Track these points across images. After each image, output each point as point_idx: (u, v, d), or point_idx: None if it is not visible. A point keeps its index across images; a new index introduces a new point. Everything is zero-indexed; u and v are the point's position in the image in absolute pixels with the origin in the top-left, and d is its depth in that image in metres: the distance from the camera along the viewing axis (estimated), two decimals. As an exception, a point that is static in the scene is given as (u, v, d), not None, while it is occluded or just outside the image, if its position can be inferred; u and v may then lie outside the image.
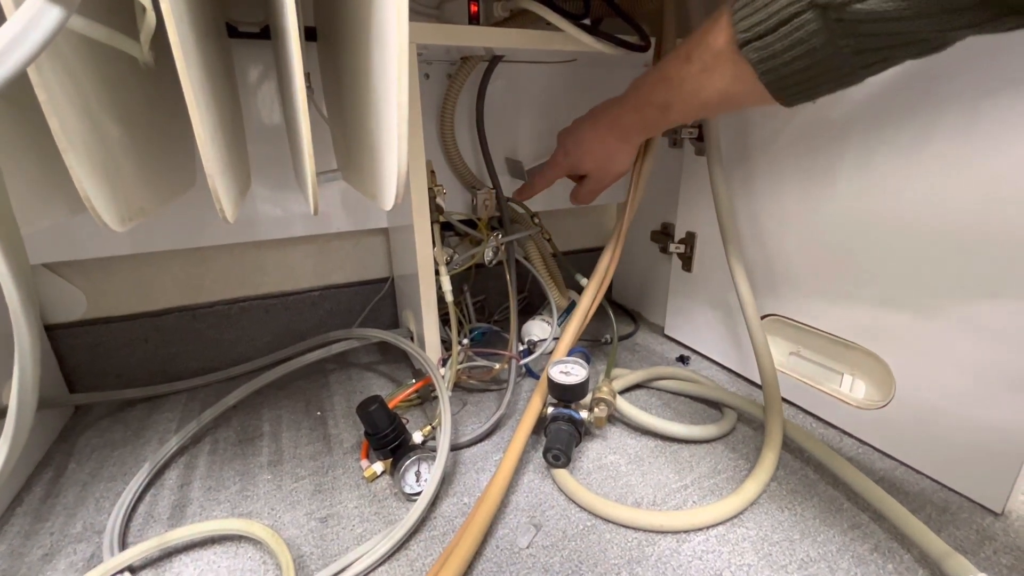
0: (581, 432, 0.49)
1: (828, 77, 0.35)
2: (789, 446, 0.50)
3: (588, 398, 0.51)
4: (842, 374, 0.54)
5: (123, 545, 0.41)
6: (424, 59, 0.61)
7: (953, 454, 0.44)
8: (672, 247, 0.70)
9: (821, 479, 0.46)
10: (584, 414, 0.49)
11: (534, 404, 0.51)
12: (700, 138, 0.62)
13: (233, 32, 0.54)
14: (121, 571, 0.37)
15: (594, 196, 0.59)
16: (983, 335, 0.41)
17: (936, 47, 0.32)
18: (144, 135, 0.34)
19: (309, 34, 0.55)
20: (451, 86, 0.62)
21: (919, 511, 0.41)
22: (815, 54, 0.33)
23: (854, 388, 0.53)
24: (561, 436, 0.47)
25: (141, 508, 0.45)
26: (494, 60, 0.61)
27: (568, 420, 0.48)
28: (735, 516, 0.42)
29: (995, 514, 0.42)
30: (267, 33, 0.55)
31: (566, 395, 0.49)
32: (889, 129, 0.44)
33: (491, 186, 0.65)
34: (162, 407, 0.61)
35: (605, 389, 0.52)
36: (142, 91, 0.35)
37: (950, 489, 0.44)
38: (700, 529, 0.41)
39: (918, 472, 0.47)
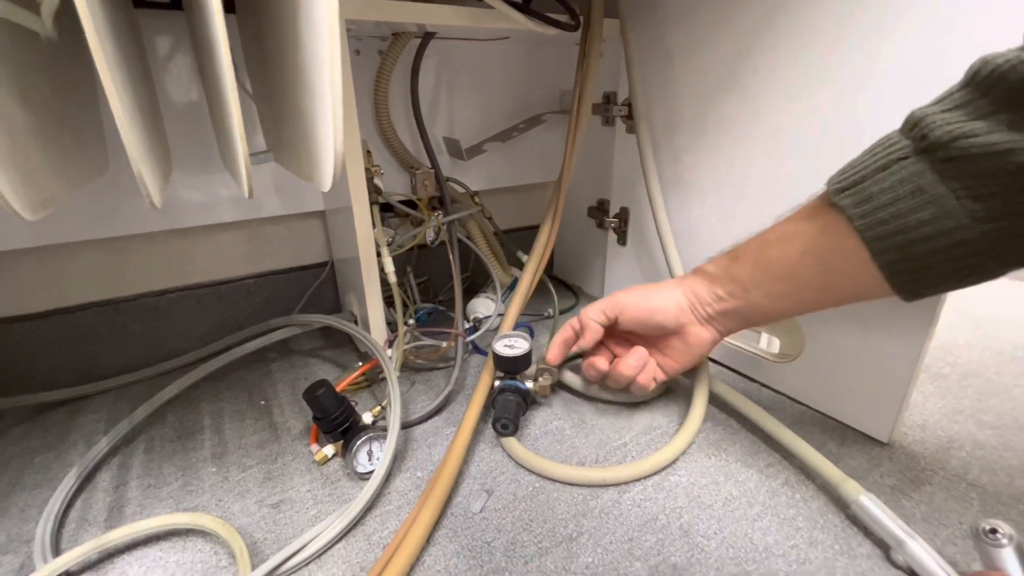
0: (527, 401, 0.51)
1: (942, 232, 0.29)
2: (715, 400, 0.54)
3: (533, 369, 0.54)
4: (760, 333, 0.59)
5: (56, 552, 0.39)
6: (354, 35, 0.60)
7: (849, 396, 0.50)
8: (607, 222, 0.74)
9: (742, 428, 0.51)
10: (529, 384, 0.52)
11: (484, 380, 0.52)
12: (630, 115, 0.64)
13: (139, 2, 0.50)
14: (58, 577, 0.36)
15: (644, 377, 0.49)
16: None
17: None
18: (49, 117, 0.32)
19: (227, 5, 0.52)
20: (384, 63, 0.61)
21: (822, 447, 0.47)
22: (922, 194, 0.29)
23: (771, 345, 0.59)
24: (508, 406, 0.49)
25: (73, 513, 0.43)
26: (427, 37, 0.60)
27: (514, 391, 0.50)
28: (668, 466, 0.46)
29: (883, 444, 0.48)
30: (178, 3, 0.52)
31: (511, 367, 0.51)
32: (797, 113, 0.49)
33: (430, 166, 0.65)
34: (86, 409, 0.57)
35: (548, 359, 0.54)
36: (45, 70, 0.32)
37: (847, 426, 0.51)
38: (638, 480, 0.45)
39: (822, 414, 0.53)
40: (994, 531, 0.30)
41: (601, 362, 0.50)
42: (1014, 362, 0.63)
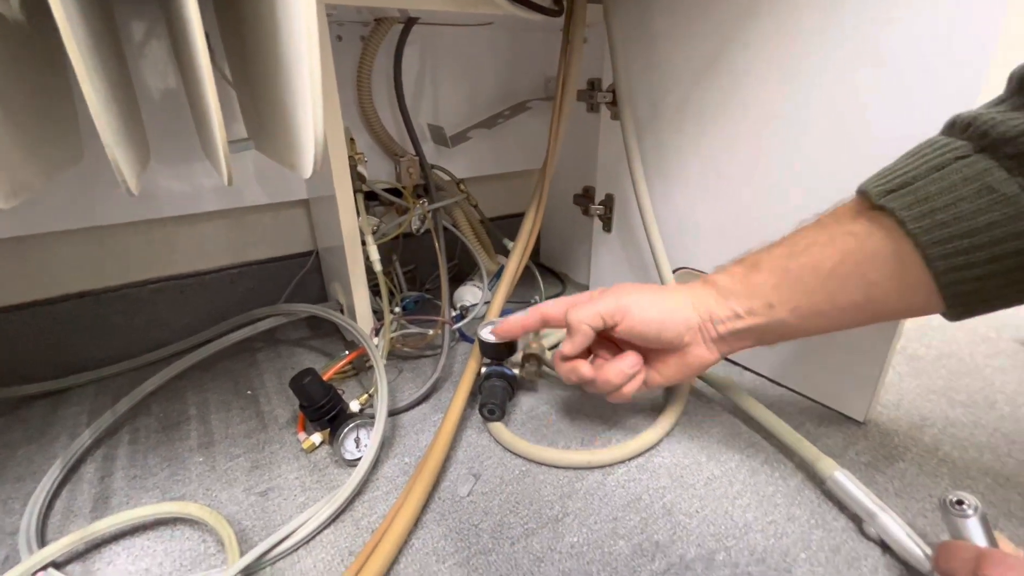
0: (514, 387, 0.52)
1: (1010, 231, 0.26)
2: (697, 384, 0.55)
3: (519, 355, 0.54)
4: (742, 317, 0.60)
5: (42, 543, 0.39)
6: (334, 20, 0.59)
7: (828, 378, 0.52)
8: (593, 209, 0.74)
9: (724, 410, 0.52)
10: (516, 371, 0.52)
11: (471, 367, 0.53)
12: (615, 102, 0.64)
13: (112, -15, 0.49)
14: (44, 567, 0.36)
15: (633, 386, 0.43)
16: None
17: None
18: (20, 103, 0.31)
19: (203, -11, 0.51)
20: (366, 49, 0.60)
21: (800, 427, 0.48)
22: (992, 194, 0.25)
23: (752, 329, 0.60)
24: (495, 392, 0.49)
25: (58, 505, 0.43)
26: (410, 22, 0.60)
27: (500, 376, 0.51)
28: (652, 448, 0.47)
29: (859, 423, 0.50)
30: (153, -14, 0.50)
31: (497, 353, 0.51)
32: (782, 98, 0.49)
33: (414, 153, 0.65)
34: (68, 401, 0.56)
35: (535, 346, 0.55)
36: (13, 55, 0.32)
37: (825, 406, 0.52)
38: (622, 461, 0.45)
39: (801, 395, 0.54)
40: (960, 502, 0.31)
41: (585, 368, 0.43)
42: (986, 343, 0.65)
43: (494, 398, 0.48)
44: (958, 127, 0.28)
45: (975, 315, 0.29)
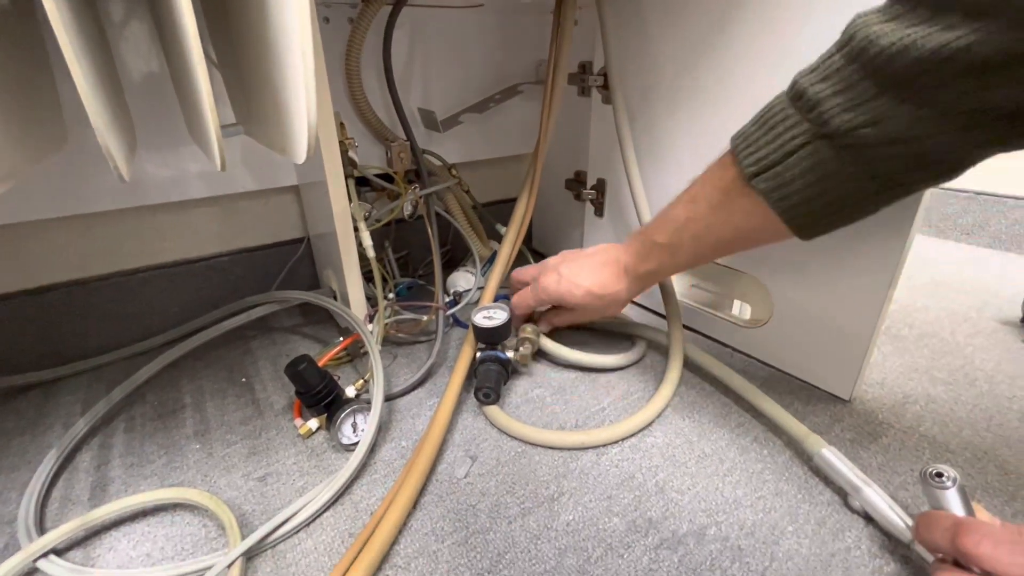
0: (508, 370, 0.52)
1: (843, 204, 0.34)
2: (689, 365, 0.56)
3: (514, 340, 0.55)
4: (733, 300, 0.61)
5: (41, 531, 0.39)
6: (322, 1, 0.58)
7: (815, 358, 0.53)
8: (585, 194, 0.74)
9: (715, 390, 0.53)
10: (510, 354, 0.53)
11: (465, 352, 0.53)
12: (606, 85, 0.64)
13: (91, -36, 0.47)
14: (44, 554, 0.36)
15: (568, 323, 0.58)
16: (836, 258, 0.48)
17: (954, 168, 0.31)
18: (4, 87, 0.30)
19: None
20: (354, 32, 0.59)
21: (788, 406, 0.49)
22: (827, 181, 0.33)
23: (742, 311, 0.61)
24: (490, 375, 0.50)
25: (55, 493, 0.43)
26: (398, 3, 0.59)
27: (495, 360, 0.51)
28: (645, 428, 0.48)
29: (844, 401, 0.51)
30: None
31: (491, 337, 0.52)
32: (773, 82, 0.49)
33: (405, 138, 0.64)
34: (60, 391, 0.56)
35: (528, 329, 0.55)
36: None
37: (812, 386, 0.54)
38: (616, 442, 0.46)
39: (789, 375, 0.56)
40: (940, 475, 0.33)
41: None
42: (967, 322, 0.67)
43: (489, 381, 0.49)
44: (801, 103, 0.34)
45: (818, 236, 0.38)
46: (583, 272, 0.51)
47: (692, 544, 0.37)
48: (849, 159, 0.31)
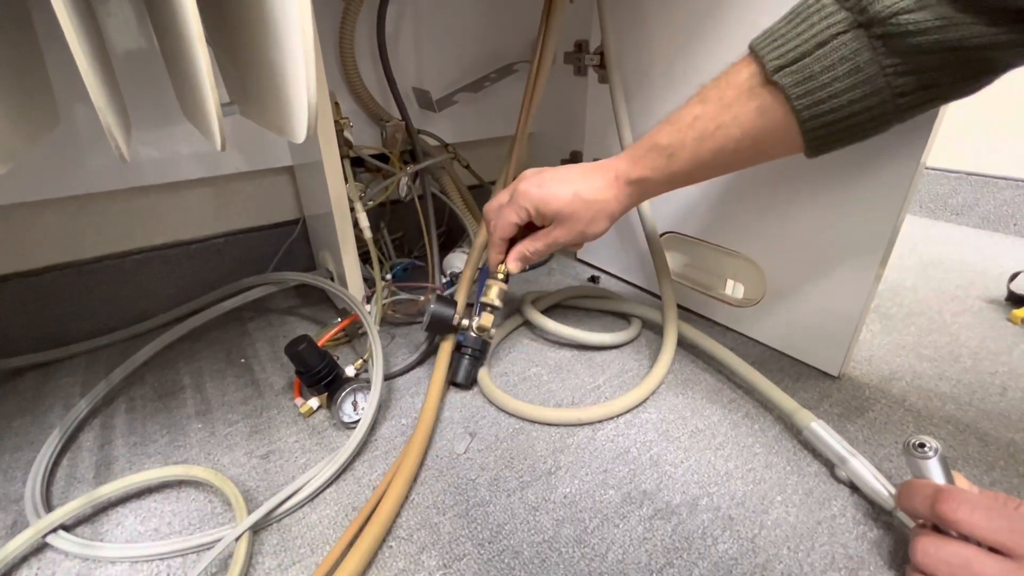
0: (477, 352, 0.52)
1: (866, 108, 0.32)
2: (683, 343, 0.58)
3: (476, 321, 0.51)
4: (726, 279, 0.62)
5: (48, 508, 0.39)
6: (314, -24, 0.57)
7: (805, 336, 0.54)
8: (581, 175, 0.74)
9: (708, 368, 0.55)
10: (473, 334, 0.51)
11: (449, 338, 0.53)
12: (603, 64, 0.64)
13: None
14: (54, 529, 0.36)
15: (551, 248, 0.47)
16: (828, 238, 0.49)
17: (986, 72, 0.30)
18: (2, 68, 0.30)
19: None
20: (347, 10, 0.58)
21: (779, 383, 0.50)
22: (857, 74, 0.31)
23: (735, 291, 0.62)
24: (460, 363, 0.51)
25: (60, 472, 0.44)
26: (392, -20, 0.58)
27: (459, 347, 0.52)
28: (639, 404, 0.49)
29: (833, 378, 0.53)
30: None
31: (438, 330, 0.53)
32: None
33: (400, 118, 0.64)
34: (58, 373, 0.56)
35: (492, 293, 0.51)
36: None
37: (802, 363, 0.55)
38: (611, 418, 0.48)
39: (780, 352, 0.57)
40: (922, 445, 0.34)
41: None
42: (954, 301, 0.68)
43: (458, 371, 0.51)
44: None
45: (826, 153, 0.36)
46: (571, 175, 0.45)
47: (685, 514, 0.38)
48: (885, 51, 0.30)
